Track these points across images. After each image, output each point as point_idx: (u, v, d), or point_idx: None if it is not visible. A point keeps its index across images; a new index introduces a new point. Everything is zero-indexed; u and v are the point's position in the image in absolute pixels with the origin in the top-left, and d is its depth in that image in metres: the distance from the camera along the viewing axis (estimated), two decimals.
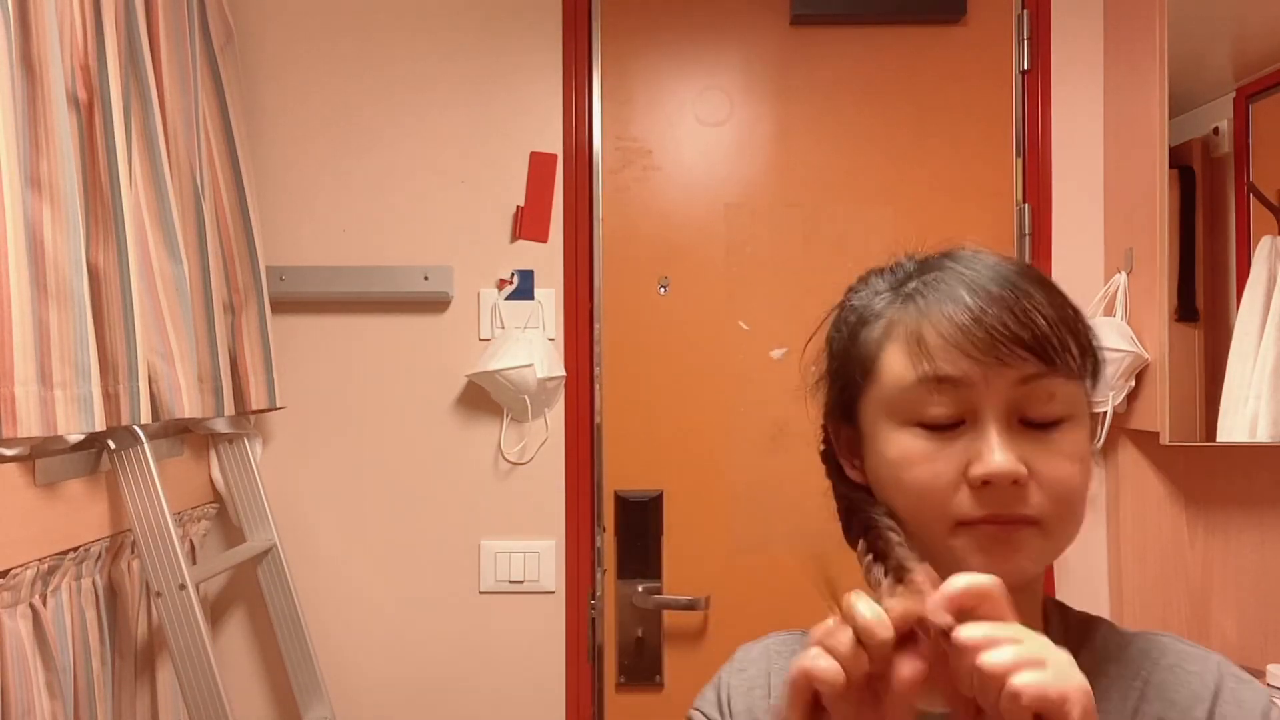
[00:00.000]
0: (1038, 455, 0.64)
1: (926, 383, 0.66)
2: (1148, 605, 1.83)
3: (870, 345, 0.71)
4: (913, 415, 0.67)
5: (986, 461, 0.63)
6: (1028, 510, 0.64)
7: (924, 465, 0.66)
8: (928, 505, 0.66)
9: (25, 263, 1.11)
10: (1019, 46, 1.92)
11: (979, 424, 0.65)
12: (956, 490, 0.65)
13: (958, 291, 0.67)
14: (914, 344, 0.67)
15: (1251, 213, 1.72)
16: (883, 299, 0.72)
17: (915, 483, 0.66)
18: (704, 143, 1.91)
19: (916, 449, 0.66)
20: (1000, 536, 0.64)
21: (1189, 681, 0.69)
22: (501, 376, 1.76)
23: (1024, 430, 0.65)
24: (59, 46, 1.18)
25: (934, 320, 0.67)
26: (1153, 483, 1.84)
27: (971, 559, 0.64)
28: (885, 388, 0.69)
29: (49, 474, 1.25)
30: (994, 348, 0.64)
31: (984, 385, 0.65)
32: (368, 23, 1.88)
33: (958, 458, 0.65)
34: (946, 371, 0.65)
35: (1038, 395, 0.65)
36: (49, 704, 1.18)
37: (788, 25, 1.91)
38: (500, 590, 1.86)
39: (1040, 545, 0.65)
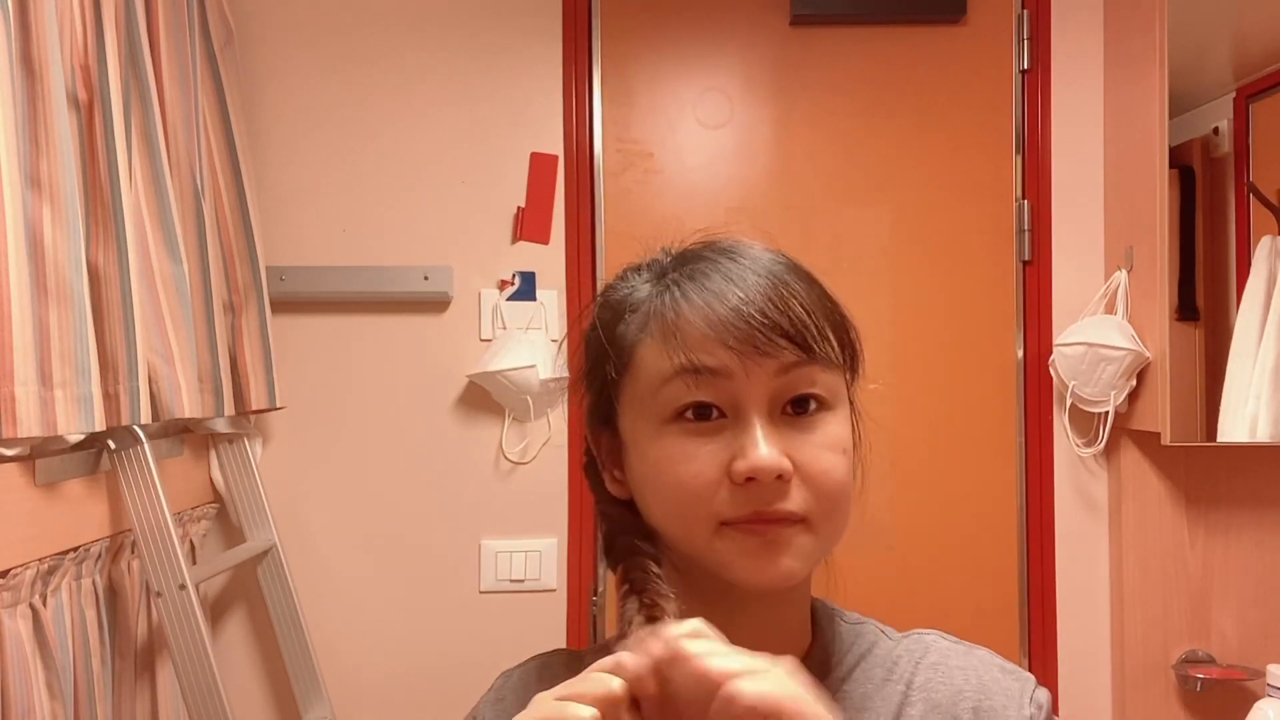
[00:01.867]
0: (800, 447, 0.62)
1: (684, 375, 0.62)
2: (1148, 605, 1.83)
3: (627, 340, 0.67)
4: (671, 411, 0.63)
5: (750, 457, 0.60)
6: (792, 507, 0.61)
7: (684, 464, 0.62)
8: (689, 507, 0.62)
9: (25, 263, 1.11)
10: (1019, 46, 1.92)
11: (741, 418, 0.62)
12: (719, 488, 0.61)
13: (714, 281, 0.64)
14: (670, 335, 0.64)
15: (1251, 213, 1.72)
16: (640, 291, 0.68)
17: (676, 483, 0.62)
18: (705, 145, 1.91)
19: (676, 448, 0.63)
20: (766, 537, 0.61)
21: (951, 678, 0.68)
22: (503, 377, 1.76)
23: (785, 422, 0.63)
24: (59, 46, 1.18)
25: (690, 310, 0.63)
26: (1153, 483, 1.84)
27: (736, 562, 0.62)
28: (642, 384, 0.65)
29: (49, 474, 1.25)
30: (752, 336, 0.61)
31: (743, 376, 0.62)
32: (368, 23, 1.88)
33: (720, 454, 0.62)
34: (704, 362, 0.62)
35: (798, 383, 0.63)
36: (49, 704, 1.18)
37: (788, 25, 1.91)
38: (501, 590, 1.86)
39: (807, 544, 0.62)
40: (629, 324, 0.68)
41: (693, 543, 0.63)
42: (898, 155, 1.92)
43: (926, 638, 0.72)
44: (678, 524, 0.64)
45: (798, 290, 0.64)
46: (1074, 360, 1.79)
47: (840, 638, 0.71)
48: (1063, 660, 1.89)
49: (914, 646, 0.71)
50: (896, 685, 0.68)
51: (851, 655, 0.70)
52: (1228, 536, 1.84)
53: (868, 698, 0.68)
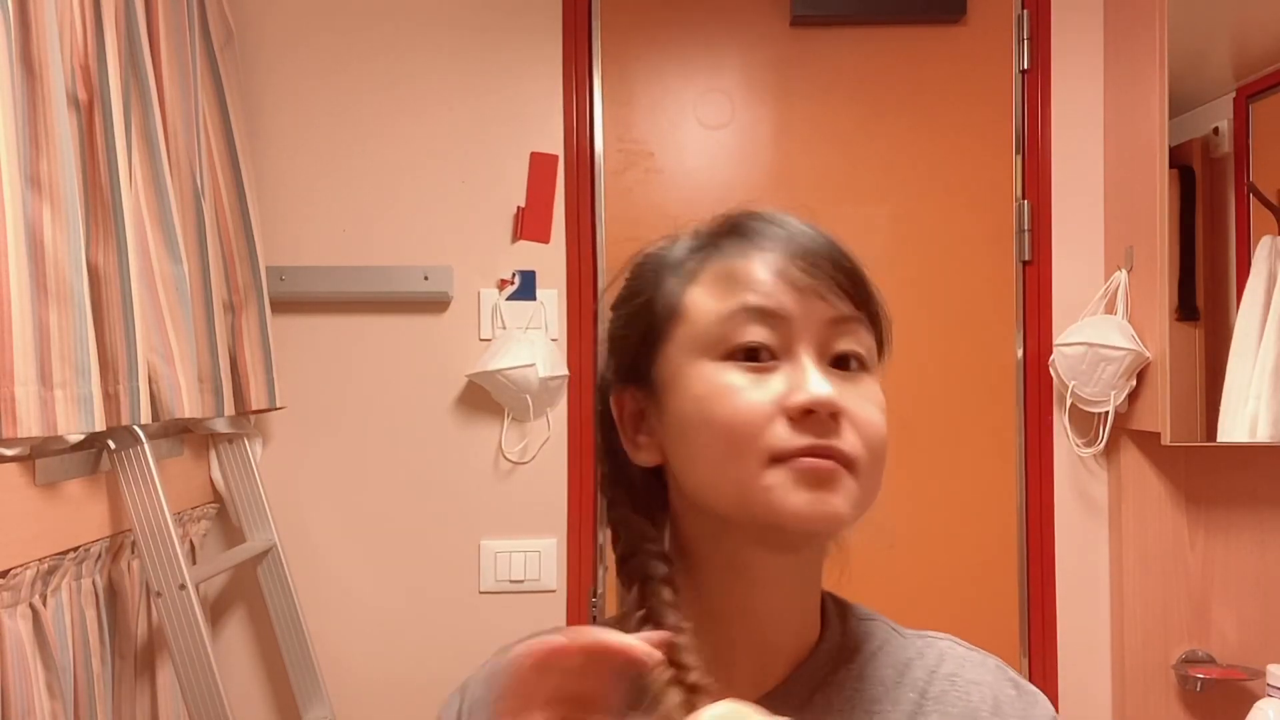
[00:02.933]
0: (848, 396, 0.62)
1: (743, 313, 0.63)
2: (1148, 605, 1.83)
3: (675, 290, 0.67)
4: (724, 349, 0.63)
5: (807, 389, 0.60)
6: (845, 447, 0.61)
7: (737, 395, 0.61)
8: (740, 438, 0.61)
9: (25, 263, 1.11)
10: (1019, 46, 1.92)
11: (794, 358, 0.62)
12: (771, 422, 0.60)
13: (774, 232, 0.66)
14: (728, 279, 0.65)
15: (1251, 212, 1.72)
16: (685, 250, 0.69)
17: (727, 415, 0.61)
18: (706, 145, 1.91)
19: (730, 380, 0.62)
20: (820, 472, 0.60)
21: (968, 695, 0.67)
22: (503, 376, 1.76)
23: (833, 372, 0.63)
24: (59, 46, 1.18)
25: (751, 257, 0.65)
26: (1154, 483, 1.84)
27: (790, 496, 0.60)
28: (695, 325, 0.65)
29: (49, 474, 1.25)
30: (813, 280, 0.63)
31: (801, 318, 0.63)
32: (368, 23, 1.88)
33: (774, 389, 0.61)
34: (764, 302, 0.63)
35: (846, 337, 0.64)
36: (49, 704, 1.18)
37: (788, 26, 1.91)
38: (501, 590, 1.86)
39: (854, 490, 0.62)
40: (676, 276, 0.68)
41: (741, 480, 0.61)
42: (898, 155, 1.92)
43: (940, 643, 0.71)
44: (724, 462, 0.61)
45: (849, 252, 0.67)
46: (1074, 360, 1.79)
47: (851, 633, 0.70)
48: (1063, 660, 1.89)
49: (927, 650, 0.70)
50: (908, 692, 0.67)
51: (863, 653, 0.69)
52: (1228, 536, 1.84)
53: (877, 700, 0.66)
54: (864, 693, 0.67)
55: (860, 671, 0.68)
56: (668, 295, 0.67)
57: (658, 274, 0.69)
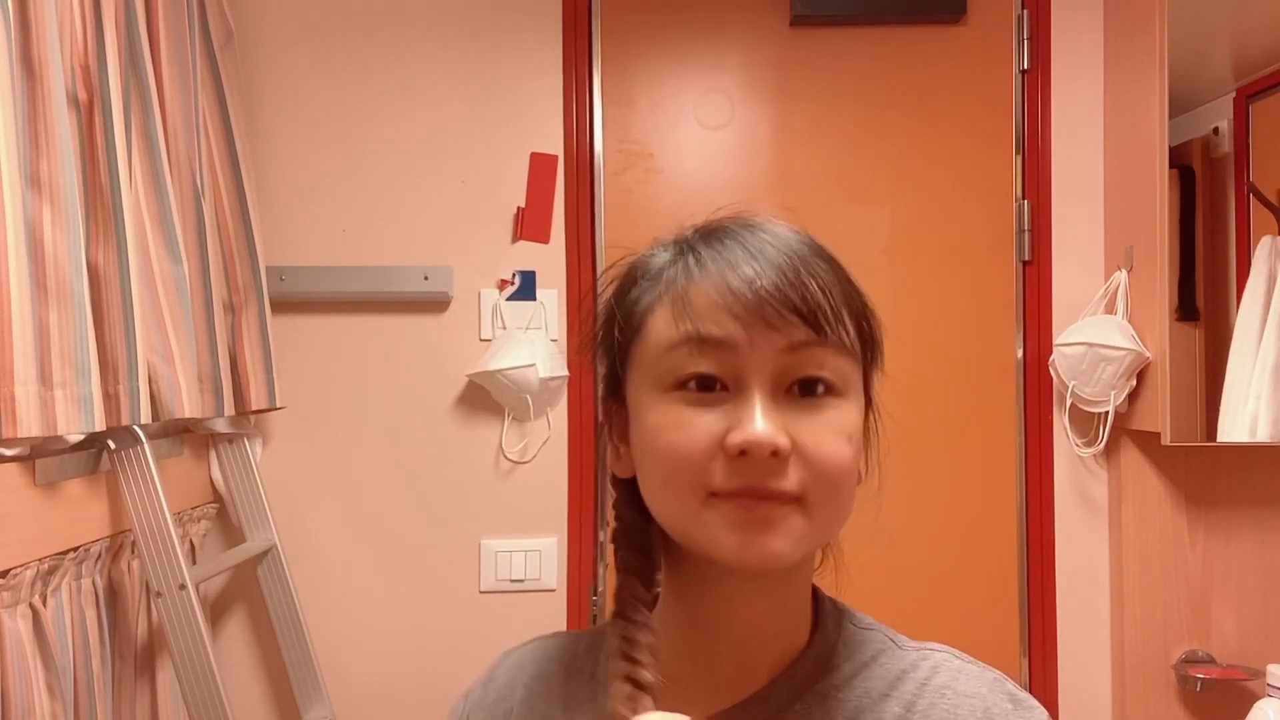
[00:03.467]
0: (804, 428, 0.60)
1: (689, 344, 0.61)
2: (1148, 605, 1.83)
3: (639, 305, 0.66)
4: (673, 380, 0.62)
5: (746, 429, 0.58)
6: (787, 486, 0.59)
7: (679, 430, 0.60)
8: (681, 473, 0.60)
9: (25, 263, 1.11)
10: (1019, 46, 1.92)
11: (742, 391, 0.60)
12: (712, 459, 0.59)
13: (731, 251, 0.63)
14: (679, 303, 0.62)
15: (1251, 212, 1.72)
16: (659, 259, 0.67)
17: (669, 449, 0.61)
18: (705, 145, 1.91)
19: (673, 414, 0.61)
20: (755, 513, 0.59)
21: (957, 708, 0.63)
22: (503, 376, 1.76)
23: (791, 401, 0.61)
24: (59, 46, 1.18)
25: (702, 278, 0.62)
26: (1153, 483, 1.84)
27: (722, 536, 0.59)
28: (649, 350, 0.64)
29: (49, 474, 1.25)
30: (760, 308, 0.60)
31: (749, 349, 0.60)
32: (368, 23, 1.88)
33: (716, 425, 0.60)
34: (709, 331, 0.61)
35: (805, 364, 0.61)
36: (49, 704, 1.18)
37: (788, 26, 1.91)
38: (501, 589, 1.86)
39: (799, 525, 0.60)
40: (642, 290, 0.66)
41: (681, 515, 0.61)
42: (898, 155, 1.92)
43: (937, 655, 0.68)
44: (667, 493, 0.62)
45: (817, 269, 0.63)
46: (1074, 360, 1.79)
47: (845, 641, 0.68)
48: (1063, 660, 1.89)
49: (922, 663, 0.67)
50: (894, 705, 0.64)
51: (852, 662, 0.67)
52: (1228, 536, 1.84)
53: (860, 712, 0.64)
54: (847, 703, 0.65)
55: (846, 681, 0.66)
56: (635, 313, 0.66)
57: (634, 285, 0.68)
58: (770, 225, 0.66)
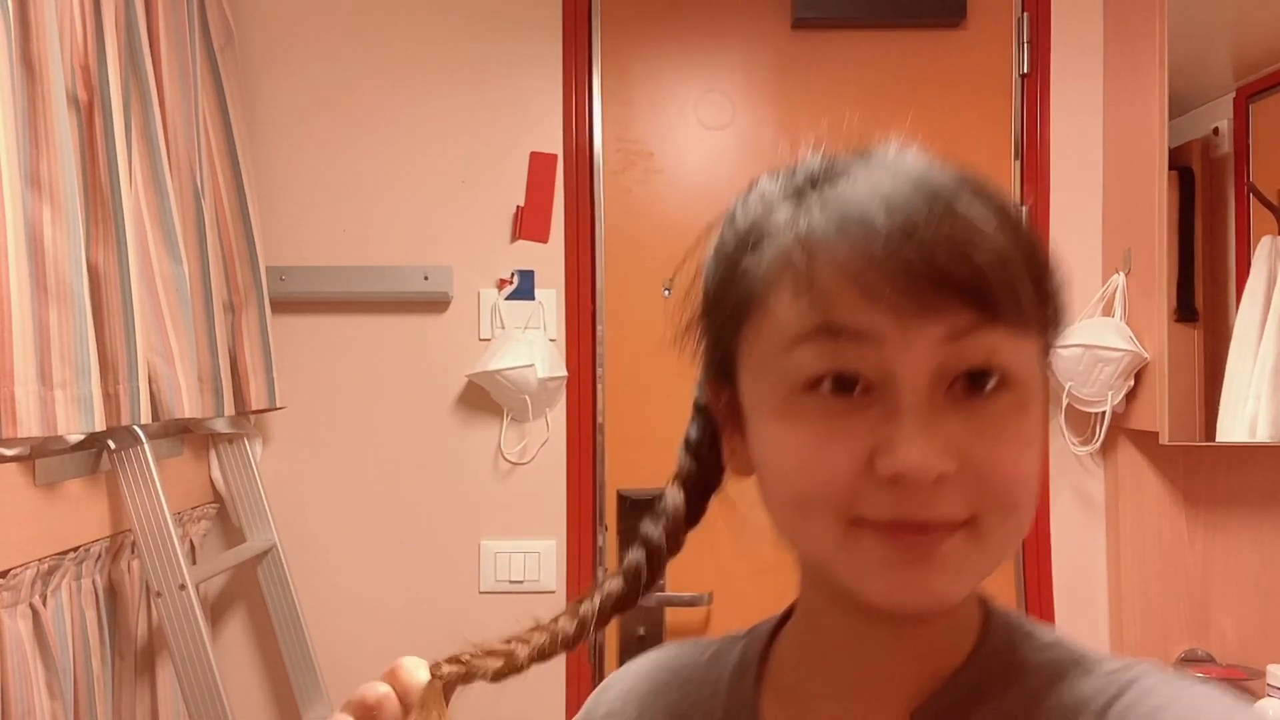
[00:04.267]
0: (973, 437, 0.46)
1: (820, 337, 0.47)
2: (1148, 605, 1.83)
3: (754, 278, 0.50)
4: (802, 381, 0.48)
5: (898, 453, 0.45)
6: (952, 512, 0.46)
7: (814, 450, 0.47)
8: (816, 500, 0.48)
9: (25, 263, 1.11)
10: (1019, 49, 1.92)
11: (890, 395, 0.46)
12: (855, 481, 0.47)
13: (868, 207, 0.47)
14: (803, 282, 0.47)
15: (1251, 213, 1.72)
16: (777, 212, 0.51)
17: (801, 471, 0.48)
18: (705, 145, 1.91)
19: (806, 428, 0.48)
20: (913, 549, 0.46)
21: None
22: (502, 376, 1.76)
23: (955, 402, 0.47)
24: (59, 46, 1.18)
25: (830, 247, 0.47)
26: (1152, 482, 1.84)
27: (871, 575, 0.47)
28: (767, 340, 0.50)
29: (49, 474, 1.25)
30: (913, 288, 0.45)
31: (899, 342, 0.46)
32: (368, 23, 1.88)
33: (861, 440, 0.46)
34: (844, 321, 0.46)
35: (972, 353, 0.46)
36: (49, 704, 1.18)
37: (789, 28, 1.91)
38: (500, 590, 1.86)
39: (971, 556, 0.47)
40: (758, 257, 0.50)
41: (816, 545, 0.49)
42: None
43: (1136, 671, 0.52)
44: (798, 518, 0.49)
45: (983, 221, 0.47)
46: (1071, 362, 1.79)
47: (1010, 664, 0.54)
48: None
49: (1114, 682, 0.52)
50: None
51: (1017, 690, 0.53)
52: (1227, 536, 1.84)
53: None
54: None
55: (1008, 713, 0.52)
56: (747, 282, 0.51)
57: (742, 245, 0.52)
58: (909, 159, 0.52)
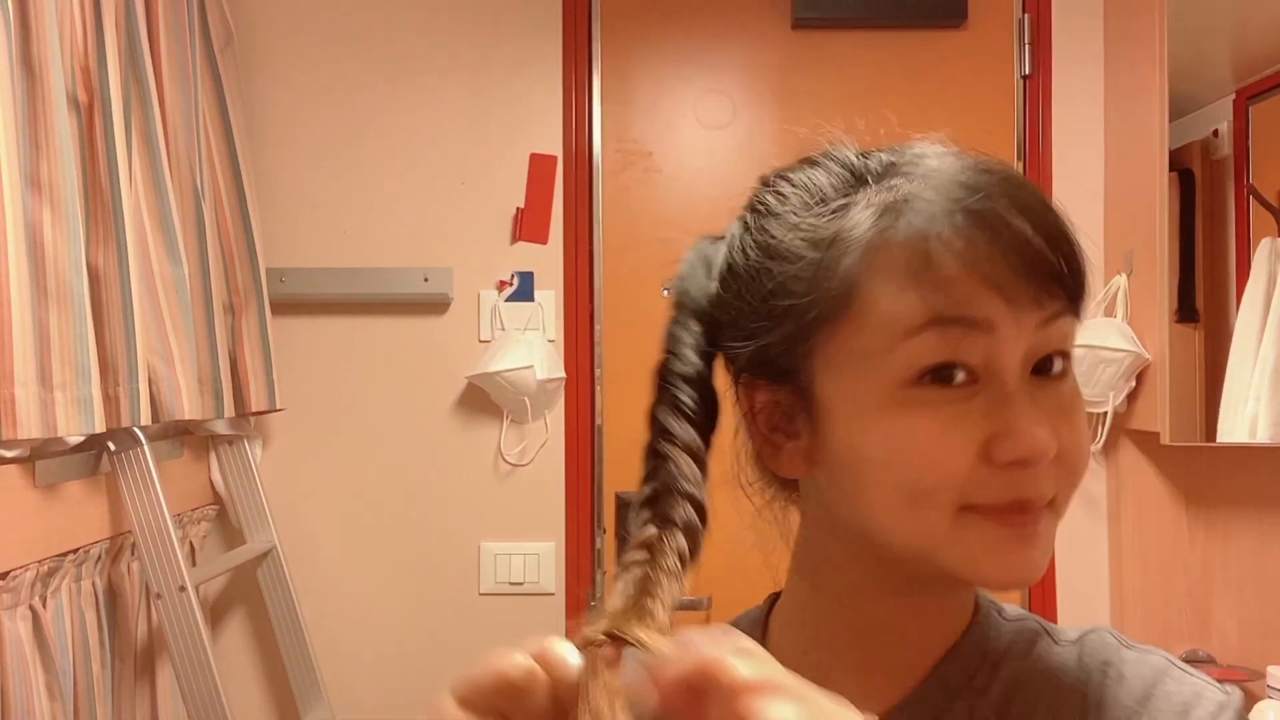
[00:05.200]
0: (1058, 421, 0.50)
1: (939, 327, 0.48)
2: (1148, 605, 1.83)
3: (839, 274, 0.51)
4: (913, 373, 0.49)
5: (1020, 439, 0.48)
6: (1047, 491, 0.51)
7: (934, 440, 0.49)
8: (931, 490, 0.50)
9: (25, 264, 1.11)
10: (1020, 51, 1.92)
11: (997, 383, 0.49)
12: (972, 469, 0.49)
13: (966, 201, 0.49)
14: (915, 266, 0.49)
15: (1251, 214, 1.72)
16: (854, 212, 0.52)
17: (917, 463, 0.49)
18: (706, 146, 1.91)
19: (921, 420, 0.49)
20: (1021, 529, 0.50)
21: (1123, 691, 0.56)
22: (501, 378, 1.76)
23: (1036, 386, 0.51)
24: (59, 48, 1.18)
25: (948, 236, 0.49)
26: (1153, 483, 1.84)
27: (981, 559, 0.50)
28: (870, 335, 0.50)
29: (49, 475, 1.25)
30: (1028, 280, 0.48)
31: (1010, 330, 0.49)
32: (368, 24, 1.88)
33: (975, 429, 0.49)
34: (968, 312, 0.48)
35: (1054, 339, 0.50)
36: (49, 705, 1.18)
37: (789, 29, 1.91)
38: (500, 592, 1.86)
39: (1052, 529, 0.52)
40: (844, 254, 0.51)
41: (925, 534, 0.51)
42: None
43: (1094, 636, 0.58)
44: (909, 512, 0.51)
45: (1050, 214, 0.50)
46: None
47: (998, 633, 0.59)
48: None
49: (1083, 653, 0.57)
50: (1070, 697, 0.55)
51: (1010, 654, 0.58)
52: (1228, 537, 1.84)
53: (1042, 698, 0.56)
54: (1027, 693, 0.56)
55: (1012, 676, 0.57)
56: (833, 275, 0.51)
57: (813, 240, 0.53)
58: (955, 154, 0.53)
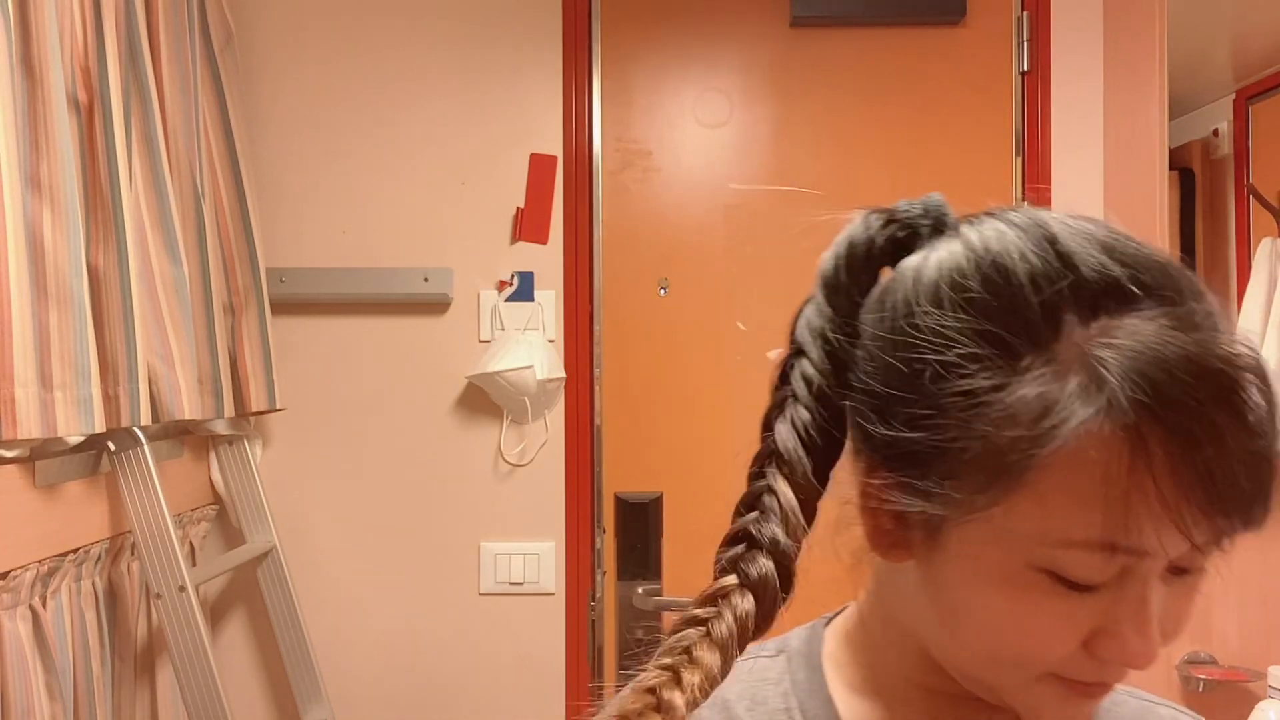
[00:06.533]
0: (1171, 618, 0.50)
1: (1100, 551, 0.45)
2: None
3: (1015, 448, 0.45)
4: (1049, 567, 0.47)
5: (1130, 649, 0.47)
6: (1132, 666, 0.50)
7: (1037, 624, 0.48)
8: (1024, 663, 0.49)
9: (25, 264, 1.11)
10: (1019, 48, 1.92)
11: (1128, 588, 0.47)
12: (1072, 654, 0.49)
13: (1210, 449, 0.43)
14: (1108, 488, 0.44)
15: (1251, 214, 1.72)
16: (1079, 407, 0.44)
17: (1017, 643, 0.49)
18: (704, 144, 1.91)
19: (1033, 605, 0.48)
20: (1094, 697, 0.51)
21: None
22: (501, 378, 1.76)
23: (1165, 583, 0.49)
24: (59, 48, 1.18)
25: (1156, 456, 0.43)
26: None
27: (1045, 711, 0.51)
28: (1024, 522, 0.46)
29: (49, 476, 1.25)
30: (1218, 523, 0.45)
31: (1159, 554, 0.46)
32: (368, 24, 1.88)
33: (1084, 620, 0.48)
34: (1139, 545, 0.45)
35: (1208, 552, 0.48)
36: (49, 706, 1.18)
37: (787, 27, 1.91)
38: (500, 592, 1.86)
39: None
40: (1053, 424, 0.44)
41: (998, 687, 0.52)
42: (898, 157, 1.92)
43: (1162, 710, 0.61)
44: (988, 667, 0.51)
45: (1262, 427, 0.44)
46: None
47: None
48: None
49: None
50: None
51: None
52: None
53: None
54: None
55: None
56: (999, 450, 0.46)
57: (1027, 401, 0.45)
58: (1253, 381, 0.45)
